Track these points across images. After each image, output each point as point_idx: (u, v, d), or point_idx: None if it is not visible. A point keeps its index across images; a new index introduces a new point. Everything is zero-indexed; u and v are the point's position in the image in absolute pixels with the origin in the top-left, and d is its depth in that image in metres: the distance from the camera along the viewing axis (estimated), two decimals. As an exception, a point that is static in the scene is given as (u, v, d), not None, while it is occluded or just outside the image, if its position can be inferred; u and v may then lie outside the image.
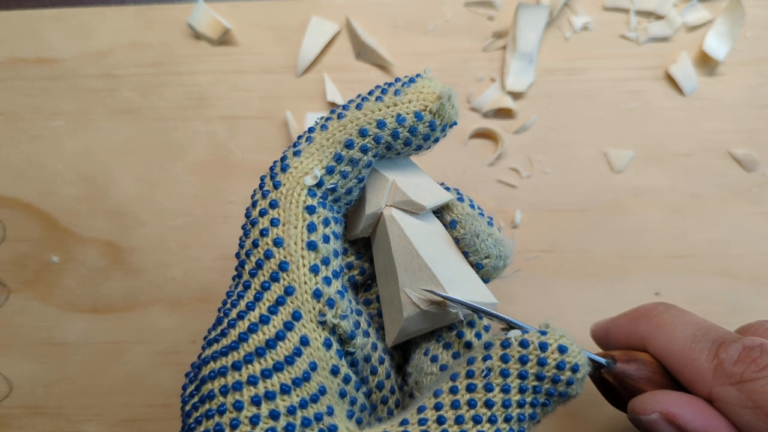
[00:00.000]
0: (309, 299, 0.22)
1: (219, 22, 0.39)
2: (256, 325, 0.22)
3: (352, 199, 0.25)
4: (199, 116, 0.39)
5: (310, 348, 0.22)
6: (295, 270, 0.23)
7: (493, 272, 0.26)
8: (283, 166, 0.24)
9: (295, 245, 0.23)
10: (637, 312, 0.27)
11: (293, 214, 0.23)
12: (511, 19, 0.39)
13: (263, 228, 0.23)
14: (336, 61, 0.39)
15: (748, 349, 0.22)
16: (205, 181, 0.39)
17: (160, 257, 0.38)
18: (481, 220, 0.26)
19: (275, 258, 0.23)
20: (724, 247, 0.37)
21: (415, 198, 0.25)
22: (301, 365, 0.22)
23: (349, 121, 0.24)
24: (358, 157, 0.24)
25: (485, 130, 0.39)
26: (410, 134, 0.24)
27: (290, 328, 0.22)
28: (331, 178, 0.24)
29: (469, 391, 0.22)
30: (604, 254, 0.37)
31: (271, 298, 0.22)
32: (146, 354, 0.37)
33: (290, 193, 0.23)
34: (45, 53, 0.40)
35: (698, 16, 0.39)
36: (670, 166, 0.38)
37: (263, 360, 0.21)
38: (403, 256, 0.24)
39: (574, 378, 0.22)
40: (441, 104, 0.24)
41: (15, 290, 0.38)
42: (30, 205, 0.39)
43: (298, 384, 0.21)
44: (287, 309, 0.22)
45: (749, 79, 0.38)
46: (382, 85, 0.25)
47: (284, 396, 0.21)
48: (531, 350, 0.22)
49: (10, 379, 0.38)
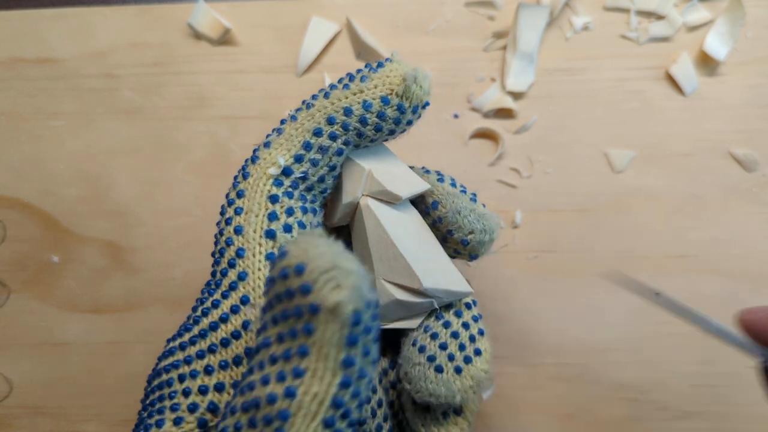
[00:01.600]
0: (261, 285, 0.23)
1: (219, 22, 0.39)
2: (208, 309, 0.23)
3: (326, 187, 0.25)
4: (199, 116, 0.39)
5: (250, 333, 0.22)
6: (251, 257, 0.23)
7: (480, 247, 0.26)
8: (253, 158, 0.25)
9: (254, 233, 0.23)
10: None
11: (256, 203, 0.24)
12: (511, 19, 0.39)
13: (228, 217, 0.24)
14: (336, 61, 0.39)
15: None
16: (205, 181, 0.39)
17: (160, 257, 0.38)
18: (463, 197, 0.26)
19: (234, 245, 0.23)
20: (724, 247, 0.37)
21: (390, 188, 0.25)
22: (236, 349, 0.22)
23: (317, 110, 0.24)
24: (327, 144, 0.24)
25: (485, 130, 0.39)
26: (379, 119, 0.24)
27: (236, 312, 0.22)
28: (300, 167, 0.24)
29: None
30: (604, 254, 0.37)
31: (226, 284, 0.23)
32: (146, 354, 0.37)
33: (256, 183, 0.24)
34: (45, 53, 0.40)
35: (699, 16, 0.39)
36: (670, 166, 0.38)
37: (203, 342, 0.22)
38: (379, 246, 0.24)
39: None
40: (406, 86, 0.24)
41: (15, 290, 0.38)
42: (30, 205, 0.39)
43: (224, 367, 0.22)
44: (237, 294, 0.23)
45: (750, 79, 0.38)
46: (352, 72, 0.25)
47: (207, 376, 0.22)
48: None
49: (10, 379, 0.38)
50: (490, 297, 0.37)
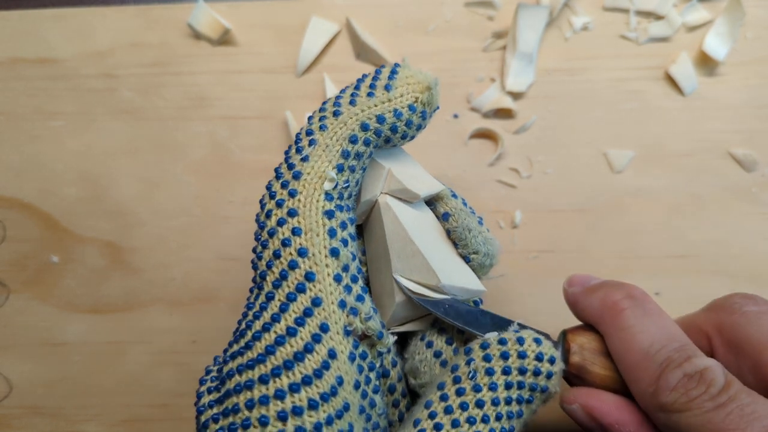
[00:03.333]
0: (336, 310, 0.22)
1: (219, 22, 0.39)
2: (283, 338, 0.21)
3: (358, 191, 0.26)
4: (199, 116, 0.39)
5: (337, 361, 0.22)
6: (322, 280, 0.22)
7: (479, 269, 0.27)
8: (295, 173, 0.24)
9: (320, 254, 0.23)
10: (604, 299, 0.25)
11: (314, 221, 0.23)
12: (511, 20, 0.39)
13: (285, 238, 0.23)
14: (336, 61, 0.39)
15: (687, 377, 0.21)
16: (205, 181, 0.39)
17: (160, 257, 0.38)
18: (473, 218, 0.27)
19: (300, 268, 0.22)
20: (723, 247, 0.37)
21: (410, 186, 0.25)
22: (329, 379, 0.21)
23: (348, 117, 0.24)
24: (363, 150, 0.24)
25: (485, 130, 0.39)
26: (407, 127, 0.25)
27: (318, 341, 0.21)
28: (343, 175, 0.24)
29: (459, 395, 0.22)
30: (604, 254, 0.37)
31: (297, 309, 0.22)
32: (146, 354, 0.37)
33: (309, 200, 0.23)
34: (45, 53, 0.40)
35: (698, 17, 0.39)
36: (670, 166, 0.38)
37: (291, 374, 0.21)
38: (397, 243, 0.25)
39: (552, 371, 0.23)
40: (431, 94, 0.24)
41: (15, 290, 0.38)
42: (30, 205, 0.39)
43: (325, 399, 0.21)
44: (315, 321, 0.22)
45: (749, 80, 0.38)
46: (364, 79, 0.25)
47: (311, 412, 0.20)
48: (510, 346, 0.23)
49: (10, 379, 0.38)
50: (490, 297, 0.37)
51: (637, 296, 0.25)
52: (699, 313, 0.26)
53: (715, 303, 0.26)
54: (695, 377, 0.21)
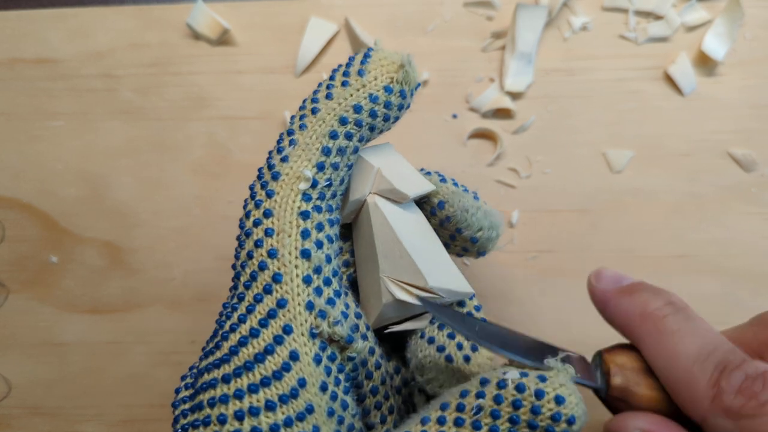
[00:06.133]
0: (302, 311, 0.22)
1: (218, 22, 0.39)
2: (246, 339, 0.22)
3: (344, 189, 0.25)
4: (198, 116, 0.39)
5: (299, 363, 0.22)
6: (289, 282, 0.22)
7: (488, 243, 0.27)
8: (274, 174, 0.24)
9: (290, 255, 0.22)
10: (644, 306, 0.24)
11: (287, 222, 0.23)
12: (510, 20, 0.39)
13: (258, 239, 0.23)
14: (335, 61, 0.39)
15: (751, 379, 0.20)
16: (204, 181, 0.39)
17: (160, 257, 0.38)
18: (467, 196, 0.27)
19: (269, 269, 0.22)
20: (723, 247, 0.37)
21: (398, 187, 0.25)
22: (290, 381, 0.21)
23: (326, 113, 0.24)
24: (345, 144, 0.24)
25: (484, 130, 0.39)
26: (386, 109, 0.24)
27: (280, 342, 0.22)
28: (324, 174, 0.24)
29: (456, 425, 0.21)
30: (603, 254, 0.37)
31: (263, 310, 0.22)
32: (146, 354, 0.38)
33: (284, 200, 0.23)
34: (45, 53, 0.40)
35: (697, 17, 0.39)
36: (669, 166, 0.38)
37: (251, 374, 0.21)
38: (385, 244, 0.25)
39: (569, 430, 0.21)
40: (405, 72, 0.24)
41: (14, 290, 0.38)
42: (29, 205, 0.39)
43: (284, 401, 0.21)
44: (278, 322, 0.22)
45: (748, 80, 0.39)
46: (339, 69, 0.25)
47: (268, 413, 0.21)
48: (526, 396, 0.21)
49: (10, 379, 0.38)
50: (490, 297, 0.37)
51: (677, 302, 0.23)
52: (745, 327, 0.25)
53: (762, 318, 0.24)
54: (759, 379, 0.20)
